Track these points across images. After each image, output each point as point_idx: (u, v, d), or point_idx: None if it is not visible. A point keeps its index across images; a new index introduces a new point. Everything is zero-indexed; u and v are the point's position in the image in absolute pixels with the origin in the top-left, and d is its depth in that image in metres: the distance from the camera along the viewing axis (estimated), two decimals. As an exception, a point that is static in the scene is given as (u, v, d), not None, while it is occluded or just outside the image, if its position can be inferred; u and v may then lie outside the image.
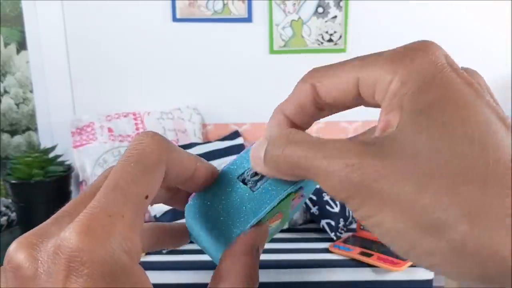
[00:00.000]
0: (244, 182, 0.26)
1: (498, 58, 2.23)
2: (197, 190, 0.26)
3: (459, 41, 2.22)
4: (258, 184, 0.26)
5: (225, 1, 2.16)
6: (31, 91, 2.34)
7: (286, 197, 0.26)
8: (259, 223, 0.26)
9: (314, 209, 1.94)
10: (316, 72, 0.25)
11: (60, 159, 2.13)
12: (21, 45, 2.34)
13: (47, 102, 2.25)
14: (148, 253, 1.79)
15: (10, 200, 2.18)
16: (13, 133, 2.46)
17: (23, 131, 2.46)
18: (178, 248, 1.88)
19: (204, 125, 2.28)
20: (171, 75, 2.25)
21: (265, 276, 1.74)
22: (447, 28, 2.21)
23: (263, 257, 1.78)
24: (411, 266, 1.70)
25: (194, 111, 2.23)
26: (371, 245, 1.82)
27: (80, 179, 2.04)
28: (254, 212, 0.25)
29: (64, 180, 2.10)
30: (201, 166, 0.25)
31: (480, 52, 2.22)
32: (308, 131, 0.29)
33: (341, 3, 2.17)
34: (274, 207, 0.26)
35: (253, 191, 0.26)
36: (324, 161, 0.20)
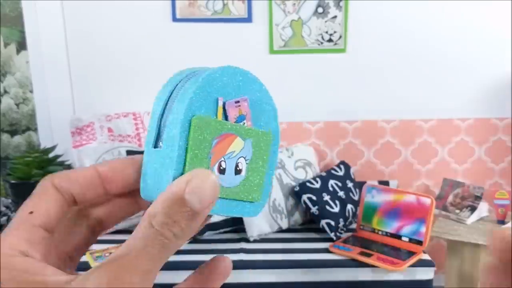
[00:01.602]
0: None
1: (498, 58, 2.23)
2: (131, 186, 0.28)
3: (459, 41, 2.22)
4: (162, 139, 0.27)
5: (225, 1, 2.16)
6: (31, 91, 2.34)
7: (189, 128, 0.26)
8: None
9: (314, 209, 1.94)
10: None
11: (60, 159, 2.12)
12: (21, 45, 2.34)
13: (47, 102, 2.25)
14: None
15: (10, 200, 2.18)
16: (13, 133, 2.46)
17: (23, 131, 2.46)
18: (178, 248, 1.89)
19: (204, 125, 2.28)
20: (171, 75, 2.25)
21: (265, 276, 1.74)
22: (447, 28, 2.21)
23: (263, 257, 1.78)
24: (411, 266, 1.70)
25: (194, 111, 2.23)
26: (370, 245, 1.82)
27: (80, 179, 2.03)
28: (170, 165, 0.25)
29: (64, 180, 2.10)
30: (106, 169, 0.28)
31: (480, 52, 2.23)
32: (309, 130, 0.29)
33: (341, 3, 2.17)
34: (187, 148, 0.25)
35: (160, 149, 0.26)
36: None
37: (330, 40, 2.20)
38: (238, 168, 0.28)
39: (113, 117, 2.12)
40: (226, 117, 0.27)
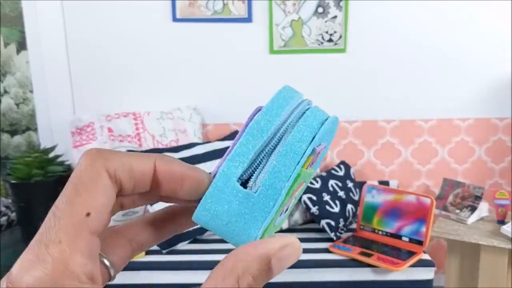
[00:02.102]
0: (243, 184, 0.25)
1: (498, 58, 2.23)
2: (190, 197, 0.25)
3: (459, 41, 2.22)
4: (258, 182, 0.24)
5: (225, 1, 2.16)
6: (31, 91, 2.34)
7: (292, 184, 0.24)
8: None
9: (314, 209, 1.94)
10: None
11: (60, 159, 2.13)
12: (21, 45, 2.34)
13: (47, 102, 2.25)
14: (147, 253, 1.78)
15: (10, 200, 2.18)
16: (13, 133, 2.46)
17: (23, 131, 2.46)
18: (178, 248, 1.87)
19: (204, 125, 2.28)
20: (171, 75, 2.25)
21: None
22: (447, 28, 2.21)
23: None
24: (411, 266, 1.70)
25: (194, 111, 2.23)
26: (371, 245, 1.82)
27: (80, 179, 2.03)
28: (261, 215, 0.24)
29: (64, 180, 2.10)
30: (187, 174, 0.25)
31: (480, 52, 2.22)
32: None
33: (341, 3, 2.17)
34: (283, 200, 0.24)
35: (254, 193, 0.24)
36: None
37: (330, 40, 2.20)
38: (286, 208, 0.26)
39: (113, 117, 2.12)
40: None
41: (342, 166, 2.16)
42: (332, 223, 1.92)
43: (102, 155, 0.23)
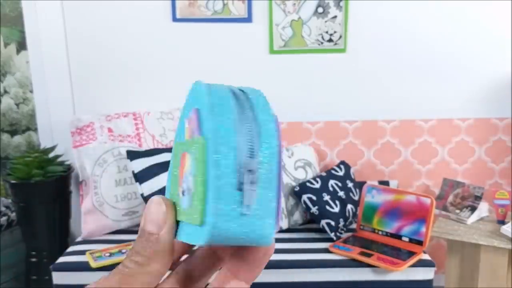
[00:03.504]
0: None
1: (498, 58, 2.23)
2: None
3: (459, 41, 2.22)
4: None
5: (225, 1, 2.16)
6: (31, 91, 2.34)
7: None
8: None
9: (314, 209, 1.94)
10: None
11: (60, 159, 2.12)
12: (21, 45, 2.34)
13: (47, 102, 2.25)
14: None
15: (10, 200, 2.18)
16: (13, 133, 2.46)
17: (23, 131, 2.45)
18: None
19: (204, 125, 2.28)
20: (171, 75, 2.25)
21: (265, 276, 1.74)
22: (447, 28, 2.21)
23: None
24: (411, 266, 1.70)
25: (194, 111, 2.22)
26: (371, 245, 1.82)
27: (80, 179, 2.04)
28: None
29: (64, 180, 2.10)
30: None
31: (480, 52, 2.22)
32: (309, 130, 0.29)
33: (341, 3, 2.17)
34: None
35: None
36: None
37: (330, 40, 2.20)
38: (188, 187, 0.24)
39: (113, 117, 2.12)
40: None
41: (342, 166, 2.16)
42: (332, 223, 1.92)
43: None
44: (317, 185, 1.99)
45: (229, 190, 0.22)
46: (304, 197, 1.96)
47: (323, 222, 1.92)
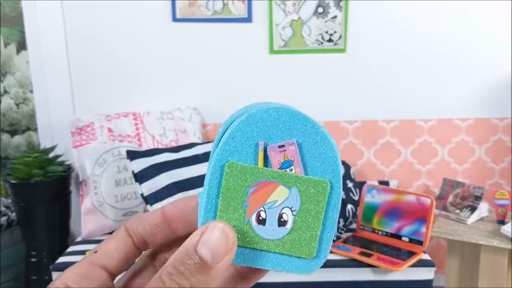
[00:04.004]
0: None
1: (498, 58, 2.23)
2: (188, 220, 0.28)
3: (459, 41, 2.22)
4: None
5: (225, 1, 2.16)
6: (31, 91, 2.34)
7: (219, 173, 0.25)
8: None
9: (314, 209, 1.94)
10: None
11: (60, 159, 2.12)
12: (21, 45, 2.34)
13: (47, 102, 2.25)
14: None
15: (10, 200, 2.18)
16: (13, 133, 2.46)
17: (23, 131, 2.46)
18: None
19: (204, 125, 2.28)
20: (171, 75, 2.25)
21: (266, 276, 1.74)
22: (447, 28, 2.21)
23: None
24: (411, 266, 1.70)
25: (194, 111, 2.23)
26: (371, 245, 1.82)
27: (80, 179, 2.04)
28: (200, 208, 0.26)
29: (64, 180, 2.10)
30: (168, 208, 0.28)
31: (480, 52, 2.22)
32: None
33: (341, 3, 2.17)
34: (213, 193, 0.25)
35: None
36: None
37: (330, 40, 2.20)
38: (282, 219, 0.25)
39: (113, 117, 2.12)
40: (267, 163, 0.25)
41: (342, 166, 2.15)
42: (332, 223, 1.92)
43: (128, 220, 0.28)
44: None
45: (335, 227, 0.27)
46: (304, 197, 1.96)
47: (323, 222, 1.92)
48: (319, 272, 1.74)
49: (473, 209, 1.95)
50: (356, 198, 2.06)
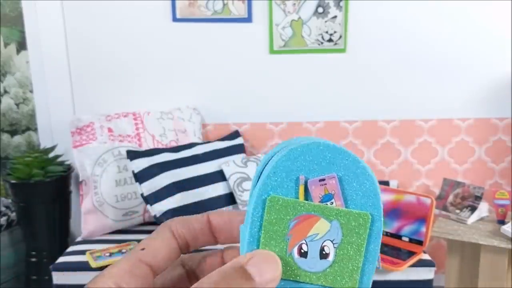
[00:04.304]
0: None
1: (498, 58, 2.23)
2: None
3: (459, 41, 2.22)
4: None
5: (225, 1, 2.16)
6: (31, 91, 2.34)
7: (262, 208, 0.26)
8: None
9: (314, 209, 1.94)
10: None
11: (60, 159, 2.13)
12: (21, 45, 2.34)
13: (47, 102, 2.25)
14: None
15: (10, 200, 2.18)
16: (13, 133, 2.46)
17: (23, 131, 2.46)
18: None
19: (204, 125, 2.28)
20: (171, 75, 2.25)
21: (265, 276, 1.74)
22: (447, 28, 2.21)
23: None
24: (411, 266, 1.70)
25: (194, 111, 2.23)
26: (371, 245, 1.82)
27: (80, 179, 2.04)
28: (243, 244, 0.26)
29: (64, 180, 2.10)
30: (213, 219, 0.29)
31: (480, 52, 2.22)
32: (309, 130, 0.29)
33: (341, 3, 2.17)
34: (257, 227, 0.26)
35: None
36: None
37: (330, 40, 2.20)
38: (324, 252, 0.26)
39: (113, 117, 2.12)
40: (308, 197, 0.26)
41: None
42: (332, 223, 1.92)
43: (170, 220, 0.29)
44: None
45: (376, 259, 0.27)
46: (304, 197, 1.96)
47: (323, 222, 1.92)
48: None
49: (473, 209, 1.95)
50: (356, 198, 2.06)
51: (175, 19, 2.18)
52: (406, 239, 1.81)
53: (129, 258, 0.26)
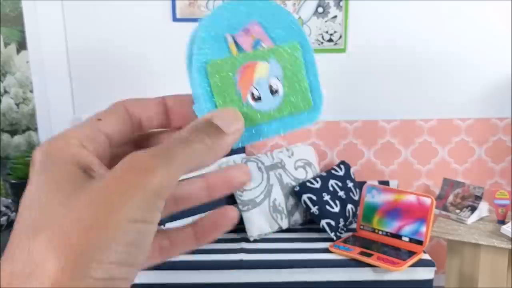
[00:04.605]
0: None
1: (498, 58, 2.23)
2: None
3: (459, 41, 2.22)
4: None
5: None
6: (31, 91, 2.34)
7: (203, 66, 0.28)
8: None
9: (314, 209, 1.94)
10: None
11: (60, 159, 2.12)
12: (21, 45, 2.34)
13: (47, 102, 2.25)
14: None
15: (10, 200, 2.18)
16: (13, 133, 2.46)
17: (23, 131, 2.46)
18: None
19: (204, 125, 2.28)
20: (171, 75, 2.25)
21: (266, 276, 1.74)
22: (447, 28, 2.21)
23: (263, 256, 1.78)
24: (411, 266, 1.70)
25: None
26: (371, 245, 1.82)
27: (80, 179, 2.03)
28: (202, 97, 0.28)
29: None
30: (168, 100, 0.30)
31: (480, 52, 2.22)
32: (309, 130, 0.30)
33: (341, 3, 2.17)
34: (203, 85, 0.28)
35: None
36: None
37: (330, 40, 2.20)
38: (273, 88, 0.28)
39: (113, 117, 2.12)
40: (240, 50, 0.28)
41: (342, 166, 2.16)
42: (332, 223, 1.92)
43: (123, 99, 0.28)
44: (317, 185, 1.99)
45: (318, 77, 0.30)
46: (304, 197, 1.96)
47: (323, 222, 1.92)
48: (319, 272, 1.74)
49: (473, 209, 1.95)
50: (356, 198, 2.06)
51: (175, 19, 2.18)
52: (406, 239, 1.81)
53: (87, 125, 0.25)
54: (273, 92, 0.28)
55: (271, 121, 0.28)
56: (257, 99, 0.28)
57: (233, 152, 2.11)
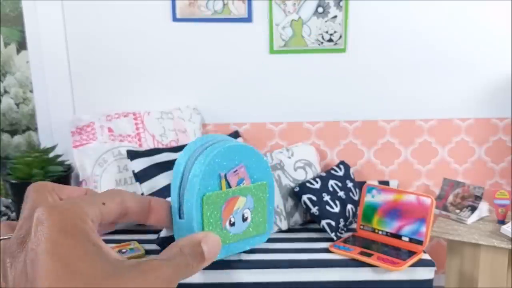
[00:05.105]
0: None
1: (498, 58, 2.23)
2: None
3: (459, 41, 2.22)
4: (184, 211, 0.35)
5: (225, 1, 2.16)
6: (31, 91, 2.34)
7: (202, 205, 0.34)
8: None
9: (314, 209, 1.94)
10: None
11: (60, 159, 2.13)
12: (21, 45, 2.34)
13: (47, 102, 2.25)
14: (147, 254, 1.78)
15: (10, 200, 2.18)
16: (13, 133, 2.46)
17: (23, 131, 2.46)
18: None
19: (204, 125, 2.28)
20: (171, 75, 2.25)
21: (266, 276, 1.74)
22: (447, 28, 2.21)
23: (264, 256, 1.78)
24: (411, 266, 1.70)
25: (194, 111, 2.23)
26: (371, 245, 1.82)
27: (80, 179, 2.04)
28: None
29: (64, 180, 2.10)
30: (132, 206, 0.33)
31: (480, 52, 2.23)
32: (309, 130, 0.31)
33: (341, 3, 2.17)
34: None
35: (182, 219, 0.35)
36: None
37: (330, 40, 2.20)
38: (244, 217, 0.37)
39: (113, 117, 2.12)
40: (229, 184, 0.35)
41: (342, 166, 2.16)
42: (332, 223, 1.92)
43: (123, 191, 0.33)
44: (317, 185, 1.99)
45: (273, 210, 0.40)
46: (304, 197, 1.96)
47: (323, 222, 1.92)
48: (319, 272, 1.74)
49: (473, 209, 1.95)
50: (356, 198, 2.06)
51: (175, 19, 2.18)
52: (406, 239, 1.81)
53: (95, 205, 0.29)
54: (244, 219, 0.37)
55: (240, 241, 0.37)
56: (232, 224, 0.36)
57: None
